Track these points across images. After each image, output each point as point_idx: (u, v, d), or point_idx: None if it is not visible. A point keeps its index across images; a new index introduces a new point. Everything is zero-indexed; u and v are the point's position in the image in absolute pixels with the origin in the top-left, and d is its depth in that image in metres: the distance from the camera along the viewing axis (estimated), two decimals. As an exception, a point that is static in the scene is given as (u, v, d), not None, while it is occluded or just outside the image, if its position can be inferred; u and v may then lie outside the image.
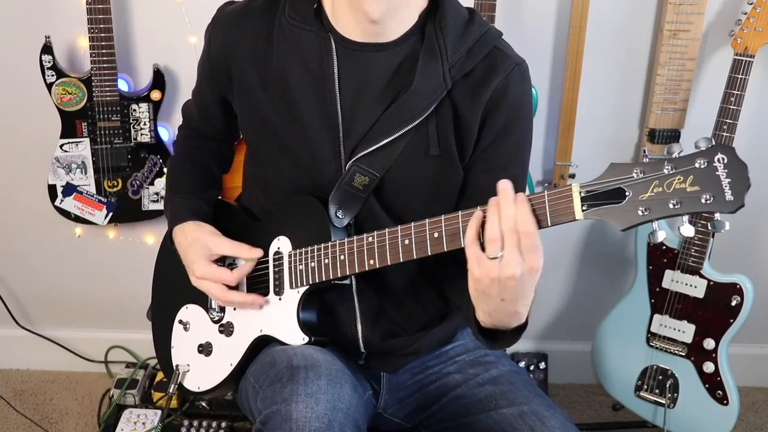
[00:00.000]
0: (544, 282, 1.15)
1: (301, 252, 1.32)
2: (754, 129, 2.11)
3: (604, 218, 1.03)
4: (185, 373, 1.46)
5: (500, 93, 1.28)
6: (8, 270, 2.37)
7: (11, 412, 2.27)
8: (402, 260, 1.21)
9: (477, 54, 1.28)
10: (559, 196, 1.06)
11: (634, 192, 1.01)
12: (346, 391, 1.20)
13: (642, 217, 1.01)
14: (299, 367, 1.21)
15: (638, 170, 1.01)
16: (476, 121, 1.28)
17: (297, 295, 1.33)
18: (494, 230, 1.06)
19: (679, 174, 0.99)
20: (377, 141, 1.27)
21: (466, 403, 1.37)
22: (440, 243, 1.16)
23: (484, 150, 1.31)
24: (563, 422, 1.29)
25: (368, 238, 1.24)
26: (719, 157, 0.97)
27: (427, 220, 1.18)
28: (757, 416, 2.38)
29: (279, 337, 1.34)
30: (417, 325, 1.43)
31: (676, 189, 0.99)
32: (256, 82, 1.34)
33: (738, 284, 1.94)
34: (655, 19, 2.01)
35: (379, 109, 1.29)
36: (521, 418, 1.29)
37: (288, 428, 1.14)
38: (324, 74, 1.29)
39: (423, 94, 1.26)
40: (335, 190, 1.30)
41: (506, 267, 1.06)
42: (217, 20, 1.39)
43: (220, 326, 1.43)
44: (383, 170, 1.29)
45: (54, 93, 1.98)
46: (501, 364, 1.42)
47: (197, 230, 1.40)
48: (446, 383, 1.42)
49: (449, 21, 1.27)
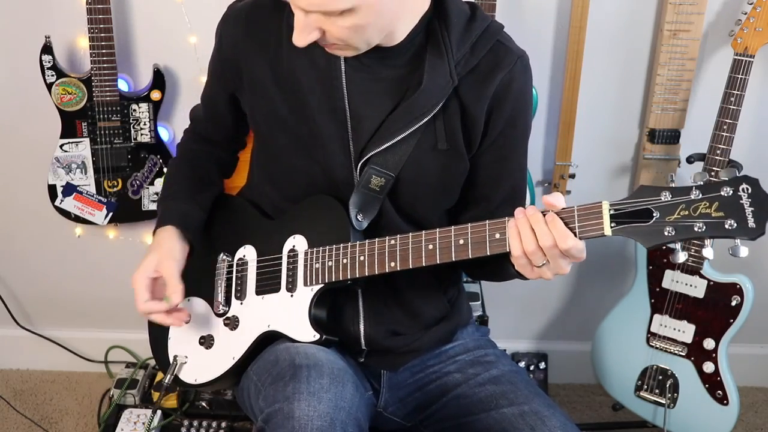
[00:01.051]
0: (544, 282, 1.18)
1: (318, 250, 1.33)
2: (754, 129, 2.11)
3: (631, 236, 1.09)
4: (182, 364, 1.46)
5: (505, 86, 1.31)
6: (8, 270, 2.37)
7: (11, 412, 2.27)
8: (424, 264, 1.23)
9: (481, 49, 1.30)
10: (589, 212, 1.12)
11: (661, 213, 1.08)
12: (349, 390, 1.21)
13: (668, 238, 1.08)
14: (302, 366, 1.21)
15: (667, 193, 1.08)
16: (482, 114, 1.31)
17: (311, 292, 1.34)
18: (531, 245, 1.14)
19: (705, 200, 1.06)
20: (388, 139, 1.29)
21: (467, 403, 1.38)
22: (465, 250, 1.20)
23: (493, 141, 1.34)
24: (564, 422, 1.29)
25: (390, 241, 1.26)
26: (744, 186, 1.05)
27: (453, 227, 1.21)
28: (757, 416, 2.38)
29: (288, 333, 1.34)
30: (419, 323, 1.43)
31: (702, 213, 1.06)
32: (268, 77, 1.35)
33: (738, 284, 1.94)
34: (655, 19, 2.01)
35: (387, 107, 1.30)
36: (522, 417, 1.30)
37: (290, 427, 1.14)
38: (332, 71, 1.30)
39: (431, 91, 1.27)
40: (355, 194, 1.32)
41: (557, 269, 1.17)
42: (228, 17, 1.40)
43: (225, 319, 1.43)
44: (397, 170, 1.31)
45: (54, 93, 1.98)
46: (501, 364, 1.43)
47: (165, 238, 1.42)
48: (446, 383, 1.43)
49: (453, 18, 1.28)
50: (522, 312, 2.41)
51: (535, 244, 1.13)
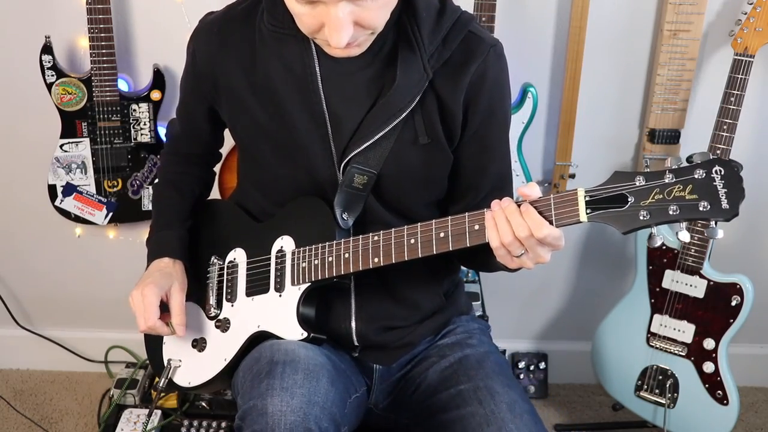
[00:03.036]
0: (544, 282, 1.18)
1: (304, 250, 1.34)
2: (754, 129, 2.11)
3: (607, 222, 1.10)
4: (176, 368, 1.47)
5: (479, 77, 1.30)
6: (8, 270, 2.37)
7: (11, 412, 2.27)
8: (407, 258, 1.24)
9: (453, 41, 1.30)
10: (565, 200, 1.12)
11: (636, 198, 1.08)
12: (323, 385, 1.22)
13: (643, 222, 1.08)
14: (278, 363, 1.23)
15: (641, 178, 1.08)
16: (459, 105, 1.31)
17: (298, 291, 1.35)
18: (507, 236, 1.15)
19: (679, 183, 1.07)
20: (368, 138, 1.29)
21: (434, 383, 1.40)
22: (446, 243, 1.21)
23: (474, 132, 1.34)
24: (514, 399, 1.29)
25: (374, 237, 1.27)
26: (717, 168, 1.05)
27: (434, 220, 1.22)
28: (757, 416, 2.38)
29: (277, 333, 1.35)
30: (414, 316, 1.44)
31: (676, 197, 1.07)
32: (245, 87, 1.35)
33: (738, 284, 1.94)
34: (655, 19, 2.01)
35: (365, 106, 1.31)
36: (474, 392, 1.31)
37: (264, 423, 1.15)
38: (307, 75, 1.31)
39: (406, 87, 1.28)
40: (338, 194, 1.33)
41: (536, 258, 1.17)
42: (199, 31, 1.40)
43: (217, 322, 1.45)
44: (379, 166, 1.32)
45: (54, 93, 1.98)
46: (480, 346, 1.44)
47: (179, 272, 1.45)
48: (425, 366, 1.44)
49: (422, 13, 1.29)
50: (522, 312, 2.41)
51: (511, 235, 1.14)
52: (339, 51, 1.20)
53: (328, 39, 1.16)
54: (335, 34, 1.14)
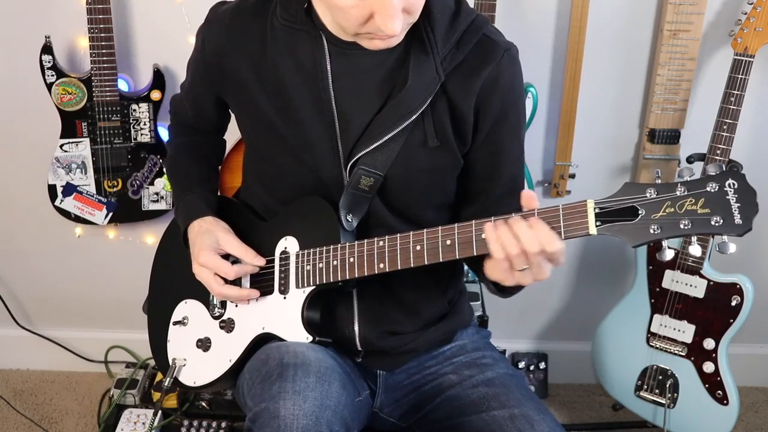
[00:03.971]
0: (544, 282, 1.17)
1: (309, 252, 1.33)
2: (754, 129, 2.11)
3: (617, 235, 1.07)
4: (182, 367, 1.46)
5: (492, 81, 1.29)
6: (8, 270, 2.37)
7: (11, 412, 2.27)
8: (413, 265, 1.22)
9: (467, 44, 1.29)
10: (574, 211, 1.10)
11: (647, 211, 1.06)
12: (335, 389, 1.21)
13: (653, 236, 1.06)
14: (289, 365, 1.22)
15: (652, 190, 1.06)
16: (470, 109, 1.29)
17: (303, 294, 1.34)
18: (513, 249, 1.11)
19: (691, 196, 1.04)
20: (377, 139, 1.28)
21: (459, 404, 1.37)
22: (452, 250, 1.19)
23: (486, 136, 1.33)
24: (553, 427, 1.28)
25: (379, 242, 1.25)
26: (730, 182, 1.03)
27: (440, 227, 1.20)
28: (757, 416, 2.38)
29: (281, 335, 1.34)
30: (417, 322, 1.43)
31: (688, 210, 1.04)
32: (253, 81, 1.34)
33: (738, 284, 1.94)
34: (655, 19, 2.01)
35: (375, 106, 1.30)
36: (511, 420, 1.29)
37: (276, 426, 1.14)
38: (317, 72, 1.30)
39: (418, 89, 1.26)
40: (344, 195, 1.31)
41: (538, 274, 1.14)
42: (211, 21, 1.40)
43: (221, 322, 1.44)
44: (386, 169, 1.30)
45: (54, 93, 1.98)
46: (498, 366, 1.42)
47: (213, 224, 1.42)
48: (441, 383, 1.42)
49: (436, 14, 1.27)
50: (522, 312, 2.41)
51: (518, 248, 1.11)
52: (382, 43, 1.19)
53: (380, 27, 1.13)
54: (389, 21, 1.12)
